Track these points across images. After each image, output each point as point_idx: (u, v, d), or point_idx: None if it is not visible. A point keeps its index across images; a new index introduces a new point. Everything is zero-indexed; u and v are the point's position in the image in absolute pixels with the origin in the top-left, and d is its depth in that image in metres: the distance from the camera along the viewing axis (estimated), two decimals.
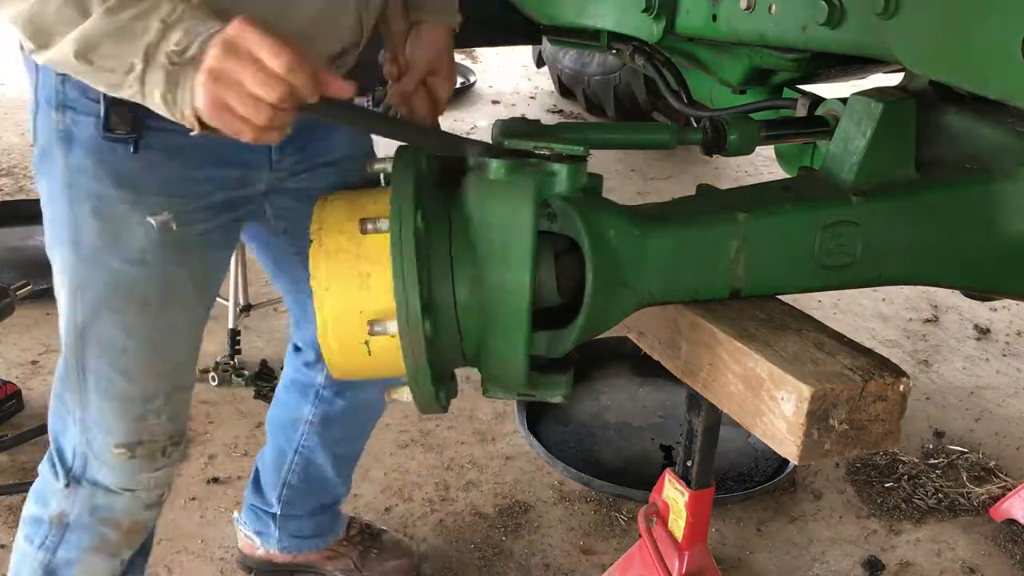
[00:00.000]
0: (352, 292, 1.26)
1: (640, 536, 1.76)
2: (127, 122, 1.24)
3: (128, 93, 1.06)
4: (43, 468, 1.51)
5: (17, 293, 2.30)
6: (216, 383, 2.77)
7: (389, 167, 1.29)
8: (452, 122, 5.16)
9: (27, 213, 3.81)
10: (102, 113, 1.23)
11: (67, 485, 1.45)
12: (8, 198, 4.07)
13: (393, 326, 1.23)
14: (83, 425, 1.42)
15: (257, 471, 2.03)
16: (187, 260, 1.38)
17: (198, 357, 1.53)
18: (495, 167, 1.23)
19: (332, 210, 1.31)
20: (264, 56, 1.00)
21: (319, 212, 1.30)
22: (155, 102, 1.05)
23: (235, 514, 2.14)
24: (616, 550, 2.21)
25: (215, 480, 2.41)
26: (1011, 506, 2.34)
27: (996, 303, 3.51)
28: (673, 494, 1.72)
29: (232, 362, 2.81)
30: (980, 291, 1.73)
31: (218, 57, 1.00)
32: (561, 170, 1.26)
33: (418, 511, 2.35)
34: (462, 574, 2.16)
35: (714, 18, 1.65)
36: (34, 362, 2.86)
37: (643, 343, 1.56)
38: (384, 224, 1.23)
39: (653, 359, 1.55)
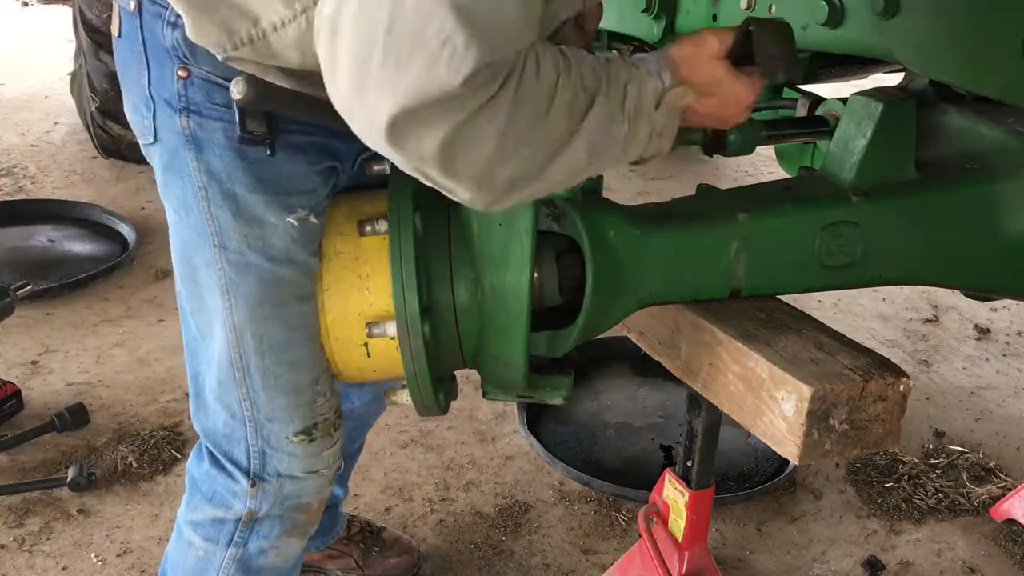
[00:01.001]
0: (351, 294, 1.26)
1: (640, 536, 1.76)
2: (262, 124, 1.23)
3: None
4: (206, 474, 1.48)
5: (17, 293, 2.30)
6: None
7: (387, 168, 1.29)
8: None
9: (27, 213, 3.82)
10: (236, 117, 1.21)
11: (253, 485, 1.43)
12: (8, 198, 4.07)
13: (392, 328, 1.23)
14: (255, 423, 1.40)
15: None
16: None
17: None
18: None
19: (332, 212, 1.31)
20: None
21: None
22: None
23: None
24: (616, 550, 2.21)
25: None
26: (1011, 506, 2.34)
27: (996, 303, 3.51)
28: (673, 494, 1.72)
29: None
30: (980, 291, 1.73)
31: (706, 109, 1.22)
32: None
33: (418, 511, 2.35)
34: (462, 574, 2.16)
35: (714, 18, 1.65)
36: (34, 362, 2.86)
37: (643, 343, 1.56)
38: (382, 226, 1.23)
39: (653, 359, 1.55)
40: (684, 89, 1.17)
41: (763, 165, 4.79)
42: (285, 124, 1.24)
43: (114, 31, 1.32)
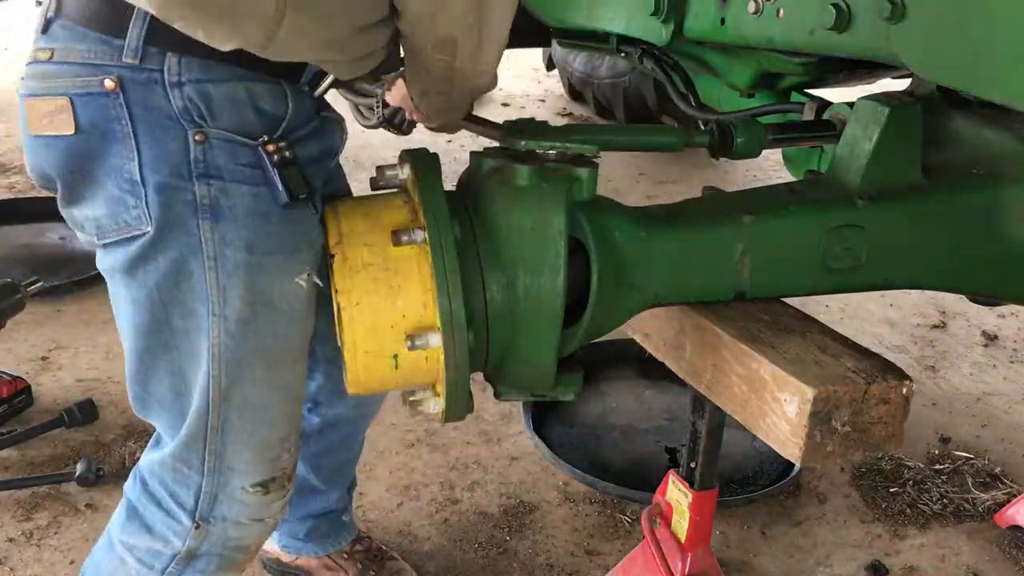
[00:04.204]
0: (383, 306, 1.23)
1: (644, 537, 1.77)
2: (303, 184, 1.21)
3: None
4: (144, 506, 1.46)
5: (28, 289, 2.31)
6: None
7: (402, 173, 1.27)
8: None
9: (39, 211, 3.84)
10: (278, 181, 1.19)
11: (197, 527, 1.42)
12: (20, 195, 4.10)
13: (435, 338, 1.20)
14: (216, 472, 1.39)
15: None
16: (317, 306, 1.39)
17: None
18: (523, 173, 1.22)
19: (349, 222, 1.27)
20: None
21: (334, 224, 1.27)
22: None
23: None
24: (620, 551, 2.22)
25: None
26: (1016, 512, 2.34)
27: (1004, 309, 3.50)
28: (677, 495, 1.72)
29: None
30: (987, 296, 1.73)
31: None
32: (583, 174, 1.26)
33: (423, 510, 2.35)
34: (466, 573, 2.17)
35: (722, 22, 1.65)
36: (44, 358, 2.89)
37: (648, 344, 1.56)
38: (419, 235, 1.20)
39: (659, 362, 1.56)
40: None
41: (771, 169, 4.79)
42: (305, 169, 1.25)
43: (56, 130, 1.17)
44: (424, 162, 1.26)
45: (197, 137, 1.17)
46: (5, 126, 4.90)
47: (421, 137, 1.79)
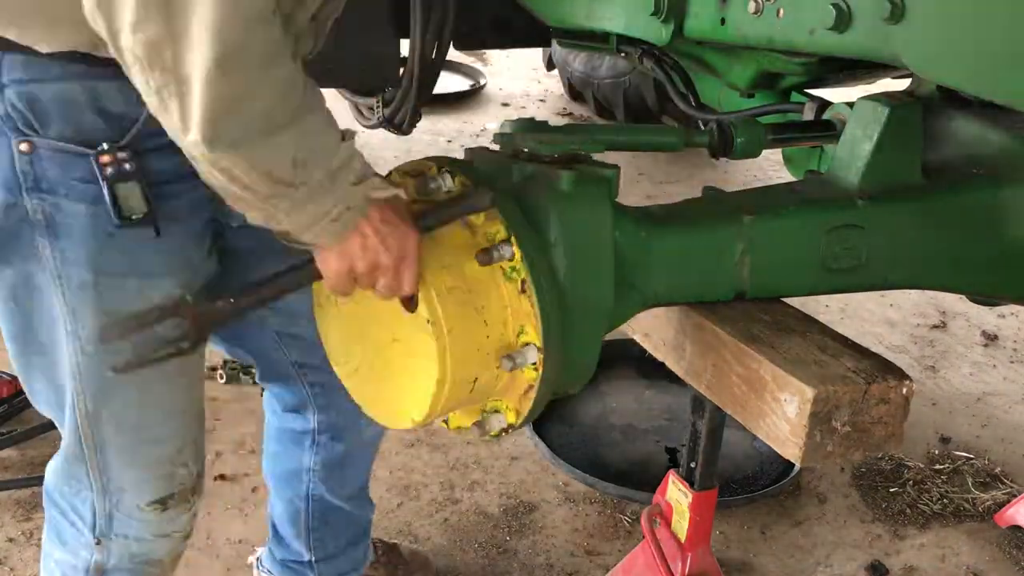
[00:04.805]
0: (472, 331, 1.18)
1: (644, 537, 1.77)
2: (141, 202, 1.07)
3: (276, 203, 1.01)
4: (53, 520, 1.41)
5: None
6: (224, 381, 2.78)
7: (445, 184, 1.23)
8: (462, 124, 5.17)
9: None
10: (107, 197, 1.05)
11: (98, 543, 1.36)
12: None
13: (532, 354, 1.18)
14: (105, 491, 1.32)
15: (275, 525, 1.86)
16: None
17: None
18: (567, 179, 1.21)
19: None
20: (406, 281, 1.11)
21: None
22: (300, 216, 1.02)
23: (252, 560, 2.02)
24: (620, 551, 2.22)
25: (222, 477, 2.42)
26: (1016, 512, 2.34)
27: (1004, 309, 3.50)
28: (677, 495, 1.72)
29: (238, 360, 2.83)
30: (986, 296, 1.73)
31: (382, 252, 1.07)
32: (612, 175, 1.26)
33: (423, 510, 2.35)
34: (466, 573, 2.17)
35: (722, 22, 1.65)
36: None
37: (648, 344, 1.56)
38: (507, 251, 1.16)
39: (659, 362, 1.56)
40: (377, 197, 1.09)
41: (771, 169, 4.79)
42: (160, 188, 1.09)
43: None
44: (471, 172, 1.23)
45: (23, 147, 1.05)
46: None
47: (421, 136, 1.79)
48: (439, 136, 4.64)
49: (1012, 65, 1.22)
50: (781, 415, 1.26)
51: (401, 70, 2.59)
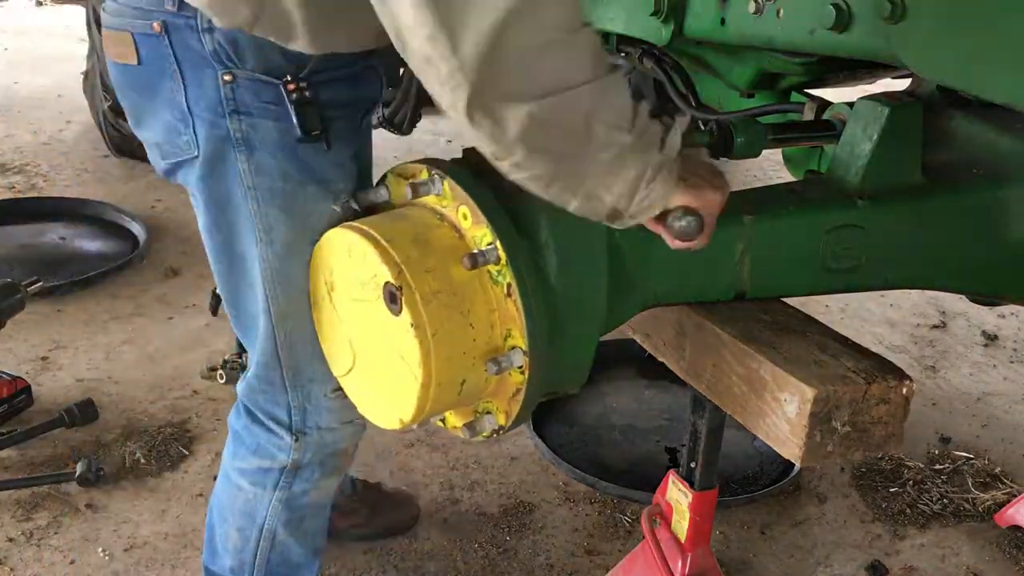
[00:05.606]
0: (457, 333, 1.20)
1: (644, 537, 1.77)
2: (317, 121, 1.29)
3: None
4: (247, 429, 1.58)
5: (28, 289, 2.31)
6: (224, 381, 2.78)
7: (435, 187, 1.24)
8: None
9: (39, 211, 3.84)
10: (293, 116, 1.28)
11: (296, 440, 1.54)
12: (20, 195, 4.10)
13: (518, 357, 1.19)
14: (296, 386, 1.49)
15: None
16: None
17: None
18: None
19: (400, 249, 1.21)
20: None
21: (385, 254, 1.20)
22: (619, 177, 1.10)
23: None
24: (620, 551, 2.22)
25: None
26: (1016, 512, 2.34)
27: (1004, 309, 3.50)
28: (677, 495, 1.72)
29: (240, 360, 2.82)
30: (987, 296, 1.73)
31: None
32: None
33: (423, 510, 2.35)
34: (466, 573, 2.17)
35: (722, 22, 1.65)
36: (44, 358, 2.88)
37: (648, 344, 1.57)
38: (492, 255, 1.18)
39: (659, 362, 1.56)
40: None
41: (771, 169, 4.79)
42: (327, 111, 1.31)
43: (126, 60, 1.33)
44: (467, 178, 1.23)
45: (226, 77, 1.27)
46: (5, 126, 4.90)
47: (421, 136, 1.79)
48: (439, 136, 4.64)
49: (1012, 65, 1.22)
50: (781, 415, 1.26)
51: (401, 70, 2.59)
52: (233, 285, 1.46)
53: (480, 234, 1.20)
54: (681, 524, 1.72)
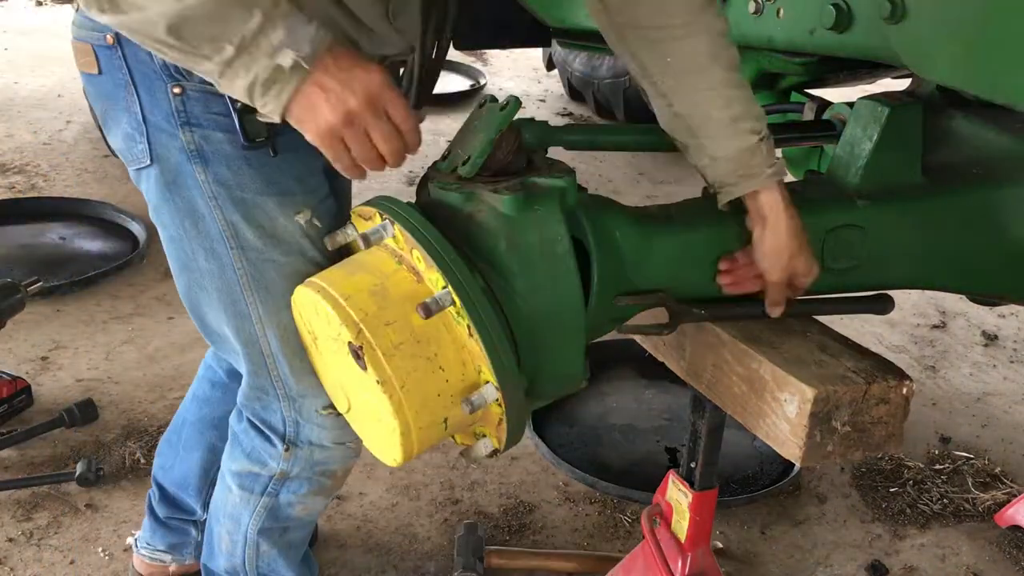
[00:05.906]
0: (427, 381, 1.19)
1: (644, 537, 1.77)
2: (263, 129, 1.29)
3: (203, 70, 1.11)
4: (244, 432, 1.59)
5: (28, 289, 2.31)
6: None
7: (387, 232, 1.23)
8: (462, 123, 5.18)
9: (39, 211, 3.84)
10: (237, 126, 1.28)
11: (287, 449, 1.54)
12: (20, 195, 4.10)
13: (491, 392, 1.18)
14: (288, 399, 1.50)
15: (162, 486, 1.94)
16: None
17: None
18: (509, 204, 1.20)
19: (357, 306, 1.20)
20: (397, 118, 1.16)
21: (342, 313, 1.19)
22: (233, 87, 1.11)
23: (131, 540, 2.07)
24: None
25: None
26: (1016, 512, 2.34)
27: (1004, 309, 3.50)
28: (677, 495, 1.72)
29: None
30: (987, 296, 1.73)
31: (348, 96, 1.12)
32: (565, 183, 1.25)
33: (423, 510, 2.35)
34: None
35: None
36: (44, 358, 2.89)
37: (648, 344, 1.57)
38: (446, 300, 1.16)
39: (659, 362, 1.56)
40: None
41: None
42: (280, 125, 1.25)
43: (88, 69, 1.36)
44: (410, 216, 1.21)
45: (175, 90, 1.29)
46: (5, 126, 4.90)
47: (422, 136, 1.78)
48: (440, 136, 4.64)
49: (1012, 65, 1.22)
50: (781, 415, 1.26)
51: (401, 70, 2.59)
52: (201, 300, 1.45)
53: (434, 277, 1.18)
54: (681, 524, 1.72)
